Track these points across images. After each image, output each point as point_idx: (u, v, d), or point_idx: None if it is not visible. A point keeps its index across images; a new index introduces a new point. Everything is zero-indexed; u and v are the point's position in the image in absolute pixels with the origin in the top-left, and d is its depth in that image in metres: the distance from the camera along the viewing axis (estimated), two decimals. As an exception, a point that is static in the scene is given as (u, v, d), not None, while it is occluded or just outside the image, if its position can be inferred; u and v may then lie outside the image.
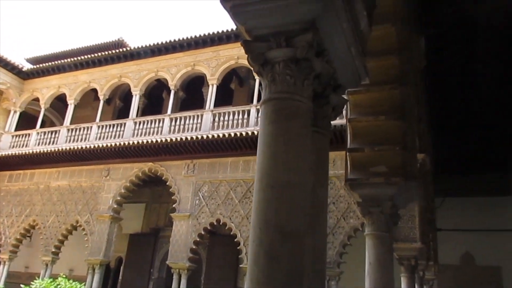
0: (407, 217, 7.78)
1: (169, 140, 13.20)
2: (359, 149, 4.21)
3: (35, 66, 18.24)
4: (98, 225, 13.89)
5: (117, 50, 16.35)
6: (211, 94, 14.26)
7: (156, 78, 16.12)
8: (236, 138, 12.32)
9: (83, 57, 16.82)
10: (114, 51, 16.35)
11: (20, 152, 15.87)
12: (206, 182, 13.09)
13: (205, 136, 12.80)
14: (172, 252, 12.73)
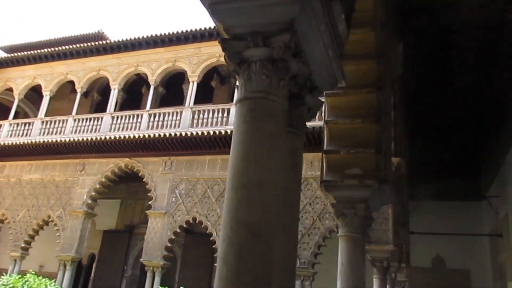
0: (380, 220, 7.91)
1: (147, 136, 13.04)
2: (335, 151, 4.25)
3: (10, 55, 17.67)
4: (71, 220, 13.59)
5: (97, 43, 16.03)
6: (191, 91, 14.14)
7: (136, 72, 15.90)
8: (215, 137, 12.27)
9: (60, 48, 16.40)
10: (93, 43, 16.02)
11: (-9, 143, 15.38)
12: (183, 179, 12.99)
13: (184, 133, 12.69)
14: (146, 250, 12.57)
